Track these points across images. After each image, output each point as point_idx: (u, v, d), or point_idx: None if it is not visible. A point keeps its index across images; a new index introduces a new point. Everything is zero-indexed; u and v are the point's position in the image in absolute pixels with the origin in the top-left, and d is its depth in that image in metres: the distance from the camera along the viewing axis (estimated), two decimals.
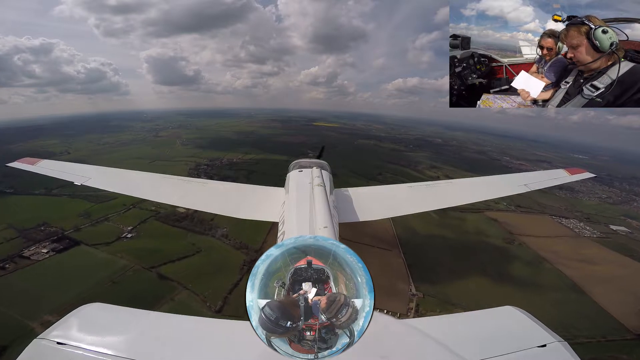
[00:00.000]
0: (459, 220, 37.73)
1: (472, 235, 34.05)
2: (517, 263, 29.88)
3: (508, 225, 38.86)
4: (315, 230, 5.72)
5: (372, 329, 2.71)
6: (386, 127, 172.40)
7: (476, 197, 11.29)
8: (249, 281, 2.86)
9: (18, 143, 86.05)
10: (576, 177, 12.10)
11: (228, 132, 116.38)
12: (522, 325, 4.35)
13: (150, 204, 36.12)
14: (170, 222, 32.22)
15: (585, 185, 65.54)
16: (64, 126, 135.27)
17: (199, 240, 29.30)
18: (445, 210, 39.79)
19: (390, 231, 31.78)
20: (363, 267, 2.84)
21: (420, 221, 34.75)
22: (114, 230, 31.21)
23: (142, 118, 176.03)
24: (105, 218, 33.84)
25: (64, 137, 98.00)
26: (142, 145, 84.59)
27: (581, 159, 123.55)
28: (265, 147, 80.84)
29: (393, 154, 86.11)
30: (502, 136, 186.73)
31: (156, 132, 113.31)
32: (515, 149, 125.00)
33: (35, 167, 10.74)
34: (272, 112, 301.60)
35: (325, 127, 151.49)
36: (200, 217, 32.40)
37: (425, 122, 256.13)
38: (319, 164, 11.11)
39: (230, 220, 32.89)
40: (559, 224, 42.18)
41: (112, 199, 38.73)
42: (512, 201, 47.39)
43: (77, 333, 3.71)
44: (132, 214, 34.68)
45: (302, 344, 2.73)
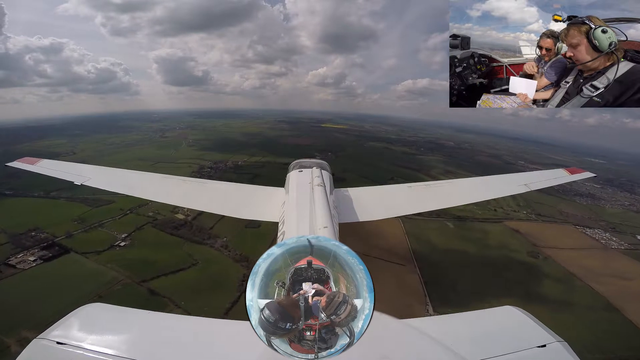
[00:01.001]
0: (478, 231, 34.79)
1: (494, 249, 31.09)
2: (545, 280, 27.21)
3: (531, 236, 36.28)
4: (315, 230, 5.63)
5: (372, 329, 2.68)
6: (396, 129, 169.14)
7: (476, 197, 11.18)
8: (249, 280, 2.84)
9: (26, 143, 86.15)
10: (576, 177, 11.74)
11: (235, 133, 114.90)
12: (522, 325, 4.31)
13: (148, 209, 34.42)
14: (167, 230, 30.13)
15: (606, 191, 64.42)
16: (75, 126, 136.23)
17: (196, 250, 27.14)
18: (464, 220, 37.71)
19: (404, 243, 29.12)
20: (364, 268, 2.82)
21: (437, 233, 32.08)
22: (107, 238, 29.38)
23: (151, 118, 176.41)
24: (99, 224, 32.05)
25: (72, 137, 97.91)
26: (147, 146, 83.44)
27: (599, 163, 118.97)
28: (272, 149, 78.63)
29: (405, 157, 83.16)
30: (515, 139, 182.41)
31: (163, 132, 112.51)
32: (530, 153, 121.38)
33: (35, 167, 10.63)
34: (280, 113, 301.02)
35: (334, 129, 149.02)
36: (199, 225, 30.33)
37: (435, 125, 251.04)
38: (319, 164, 10.94)
39: (231, 230, 31.43)
40: (584, 235, 39.77)
41: (110, 202, 37.32)
42: (533, 210, 45.51)
43: (77, 333, 3.67)
44: (128, 220, 32.84)
45: (302, 344, 2.72)
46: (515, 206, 47.66)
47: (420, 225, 33.36)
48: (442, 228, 34.10)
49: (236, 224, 28.91)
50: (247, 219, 10.69)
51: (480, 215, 39.63)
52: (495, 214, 41.61)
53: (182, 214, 32.41)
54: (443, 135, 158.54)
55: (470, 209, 39.86)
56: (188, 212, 32.48)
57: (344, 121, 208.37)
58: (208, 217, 30.82)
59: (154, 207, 34.46)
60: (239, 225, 28.89)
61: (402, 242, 29.40)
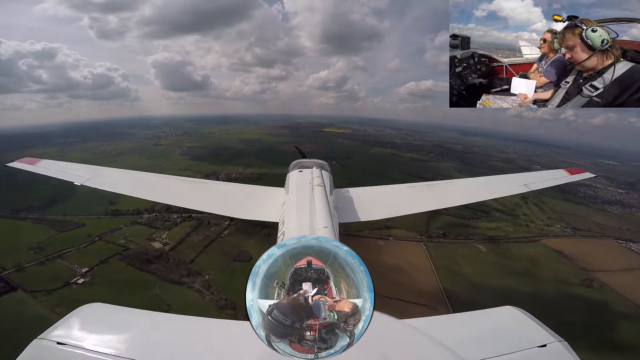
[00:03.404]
0: (518, 257, 28.89)
1: (543, 281, 25.26)
2: (613, 319, 22.11)
3: (578, 259, 31.13)
4: (315, 230, 5.63)
5: (372, 329, 2.70)
6: (400, 132, 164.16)
7: (476, 197, 11.11)
8: (250, 281, 2.82)
9: (15, 151, 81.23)
10: (576, 177, 11.75)
11: (232, 140, 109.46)
12: (522, 325, 4.31)
13: (120, 235, 29.16)
14: (137, 264, 24.50)
15: (632, 197, 61.98)
16: (71, 133, 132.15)
17: (170, 292, 21.59)
18: (497, 241, 32.13)
19: (432, 278, 23.37)
20: (364, 269, 2.81)
21: (469, 261, 26.33)
22: (64, 272, 24.11)
23: (149, 125, 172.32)
24: (59, 254, 26.56)
25: (64, 146, 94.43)
26: (138, 155, 78.60)
27: (613, 165, 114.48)
28: (270, 157, 72.34)
29: (415, 164, 77.25)
30: (522, 141, 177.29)
31: (158, 139, 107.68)
32: (541, 156, 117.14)
33: (35, 167, 10.57)
34: (281, 117, 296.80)
35: (336, 134, 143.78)
36: (178, 258, 24.70)
37: (439, 127, 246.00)
38: (319, 164, 10.86)
39: (215, 263, 25.47)
40: (630, 251, 35.97)
41: (80, 225, 32.22)
42: (566, 223, 41.38)
43: (78, 333, 3.69)
44: (94, 249, 27.34)
45: (302, 344, 2.69)
46: (546, 219, 43.03)
47: (448, 251, 27.70)
48: (474, 254, 28.39)
49: (222, 257, 23.51)
50: (247, 219, 10.22)
51: (513, 234, 34.23)
52: (528, 231, 36.39)
53: (160, 242, 26.94)
54: (448, 138, 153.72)
55: (501, 227, 34.56)
56: (167, 239, 27.13)
57: (346, 125, 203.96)
58: (189, 247, 25.48)
59: (127, 232, 29.19)
60: (225, 258, 23.39)
61: (430, 277, 23.69)
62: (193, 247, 25.44)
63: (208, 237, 27.44)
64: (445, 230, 31.66)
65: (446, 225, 32.94)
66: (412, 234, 29.83)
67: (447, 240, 29.41)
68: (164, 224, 30.09)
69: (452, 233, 31.03)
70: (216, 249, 25.20)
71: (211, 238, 27.29)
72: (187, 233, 28.25)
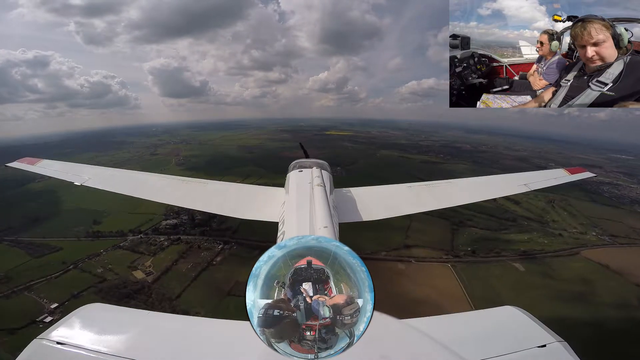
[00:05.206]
0: (562, 277, 24.55)
1: (598, 305, 20.93)
2: None
3: (625, 272, 27.22)
4: (315, 230, 5.37)
5: (372, 329, 2.66)
6: (404, 133, 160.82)
7: (476, 196, 10.67)
8: (250, 281, 2.73)
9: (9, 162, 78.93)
10: (576, 177, 10.89)
11: (231, 147, 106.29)
12: (522, 325, 4.16)
13: (98, 262, 25.43)
14: (113, 299, 20.65)
15: None
16: (71, 143, 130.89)
17: None
18: (533, 257, 28.16)
19: (463, 301, 19.28)
20: (364, 269, 2.75)
21: (507, 283, 22.26)
22: (30, 308, 20.84)
23: (149, 132, 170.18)
24: (27, 285, 22.90)
25: (61, 157, 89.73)
26: (134, 165, 75.30)
27: (627, 160, 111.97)
28: (270, 165, 68.44)
29: (426, 167, 73.04)
30: (529, 138, 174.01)
31: (155, 148, 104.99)
32: (552, 153, 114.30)
33: (35, 167, 10.38)
34: (282, 122, 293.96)
35: (339, 137, 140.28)
36: (161, 293, 20.84)
37: (442, 126, 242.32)
38: (319, 163, 10.57)
39: (207, 296, 21.83)
40: None
41: (57, 249, 28.69)
42: (603, 230, 37.66)
43: (77, 333, 3.53)
44: (68, 279, 23.67)
45: (302, 344, 2.64)
46: (578, 225, 39.08)
47: (480, 272, 23.57)
48: (510, 274, 24.25)
49: (213, 290, 19.62)
50: (247, 219, 9.12)
51: (549, 246, 30.02)
52: (564, 241, 32.32)
53: (143, 271, 23.13)
54: (453, 137, 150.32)
55: (534, 239, 30.43)
56: (151, 267, 23.34)
57: (348, 127, 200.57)
58: (175, 277, 21.67)
59: (107, 259, 25.45)
60: (217, 292, 19.49)
61: (465, 309, 19.58)
62: (180, 278, 21.66)
63: (198, 266, 23.83)
64: (473, 247, 27.79)
65: (473, 240, 28.98)
66: (437, 252, 25.86)
67: (477, 258, 25.37)
68: (148, 249, 26.46)
69: (482, 249, 26.99)
70: (207, 280, 21.49)
71: (201, 267, 23.66)
72: (174, 260, 24.65)
